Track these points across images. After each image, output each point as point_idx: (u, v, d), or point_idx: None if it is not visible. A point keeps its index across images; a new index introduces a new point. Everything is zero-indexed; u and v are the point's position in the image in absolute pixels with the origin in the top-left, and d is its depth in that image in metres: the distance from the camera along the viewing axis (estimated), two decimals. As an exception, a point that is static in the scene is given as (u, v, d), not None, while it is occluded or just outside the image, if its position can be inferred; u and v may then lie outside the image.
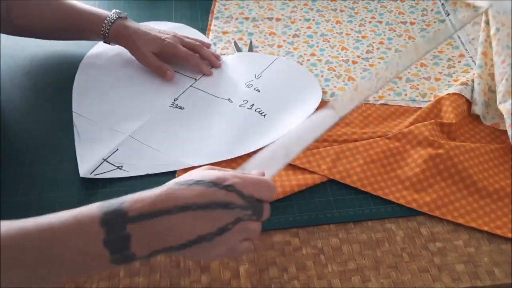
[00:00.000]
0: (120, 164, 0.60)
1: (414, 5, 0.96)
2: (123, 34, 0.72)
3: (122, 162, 0.61)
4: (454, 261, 0.53)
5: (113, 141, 0.63)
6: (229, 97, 0.72)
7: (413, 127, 0.66)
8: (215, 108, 0.70)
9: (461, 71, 0.79)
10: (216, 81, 0.75)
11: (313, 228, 0.56)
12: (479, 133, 0.68)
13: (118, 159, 0.61)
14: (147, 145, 0.63)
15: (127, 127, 0.66)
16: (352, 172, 0.61)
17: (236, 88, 0.74)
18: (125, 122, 0.66)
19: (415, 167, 0.61)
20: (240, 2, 0.95)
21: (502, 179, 0.61)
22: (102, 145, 0.62)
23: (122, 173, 0.60)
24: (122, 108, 0.69)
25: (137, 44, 0.72)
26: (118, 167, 0.60)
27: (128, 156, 0.62)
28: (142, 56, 0.73)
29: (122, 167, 0.60)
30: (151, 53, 0.73)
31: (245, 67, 0.78)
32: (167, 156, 0.62)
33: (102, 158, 0.61)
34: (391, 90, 0.75)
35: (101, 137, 0.64)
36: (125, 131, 0.65)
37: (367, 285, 0.51)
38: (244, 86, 0.73)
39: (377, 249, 0.54)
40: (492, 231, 0.56)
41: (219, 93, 0.72)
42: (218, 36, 0.86)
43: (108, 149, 0.62)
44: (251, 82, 0.74)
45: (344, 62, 0.81)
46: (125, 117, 0.67)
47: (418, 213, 0.58)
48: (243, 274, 0.51)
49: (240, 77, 0.76)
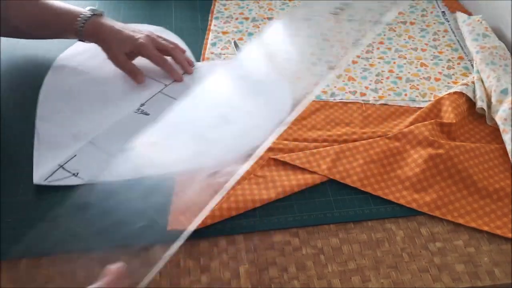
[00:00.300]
0: (76, 171, 0.58)
1: (414, 5, 0.96)
2: (98, 32, 0.70)
3: (78, 169, 0.58)
4: (454, 261, 0.53)
5: (72, 146, 0.61)
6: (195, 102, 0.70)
7: (413, 127, 0.66)
8: (180, 115, 0.67)
9: (460, 73, 0.79)
10: (187, 88, 0.72)
11: (313, 228, 0.56)
12: (479, 133, 0.68)
13: (75, 165, 0.59)
14: (106, 152, 0.61)
15: (89, 132, 0.63)
16: (352, 172, 0.61)
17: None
18: (88, 127, 0.64)
19: (415, 167, 0.61)
20: (240, 2, 0.95)
21: (502, 179, 0.61)
22: (60, 151, 0.60)
23: (77, 181, 0.57)
24: (86, 112, 0.67)
25: (109, 43, 0.70)
26: (74, 174, 0.58)
27: (85, 162, 0.59)
28: (113, 57, 0.71)
29: (77, 174, 0.58)
30: (123, 54, 0.71)
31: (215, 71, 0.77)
32: (124, 164, 0.59)
33: (58, 164, 0.58)
34: (391, 90, 0.75)
35: (60, 142, 0.62)
36: (86, 137, 0.63)
37: (367, 285, 0.51)
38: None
39: (377, 249, 0.54)
40: (492, 231, 0.56)
41: (186, 98, 0.71)
42: (218, 36, 0.86)
43: (66, 155, 0.60)
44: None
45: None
46: (89, 122, 0.65)
47: (418, 213, 0.58)
48: (243, 274, 0.51)
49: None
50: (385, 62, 0.81)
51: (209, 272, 0.51)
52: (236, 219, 0.56)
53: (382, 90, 0.75)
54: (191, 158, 0.59)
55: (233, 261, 0.52)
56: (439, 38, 0.87)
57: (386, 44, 0.85)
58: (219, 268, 0.52)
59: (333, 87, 0.75)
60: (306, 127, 0.68)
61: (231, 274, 0.51)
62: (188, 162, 0.59)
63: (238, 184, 0.59)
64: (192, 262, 0.52)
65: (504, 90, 0.68)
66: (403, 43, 0.86)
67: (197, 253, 0.53)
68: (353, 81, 0.77)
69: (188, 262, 0.52)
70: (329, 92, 0.74)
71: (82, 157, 0.60)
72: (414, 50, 0.84)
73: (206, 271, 0.51)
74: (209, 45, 0.83)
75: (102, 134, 0.63)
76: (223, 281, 0.50)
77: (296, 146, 0.65)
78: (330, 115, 0.70)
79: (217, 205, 0.56)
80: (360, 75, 0.78)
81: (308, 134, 0.67)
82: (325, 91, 0.75)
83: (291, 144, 0.65)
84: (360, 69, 0.79)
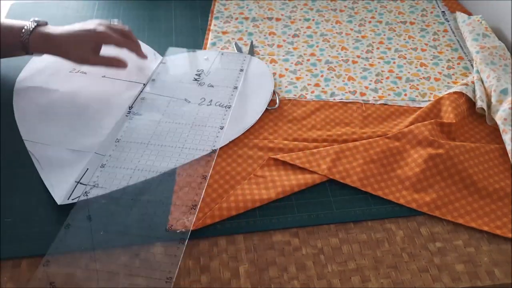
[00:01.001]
0: (94, 183, 0.58)
1: (414, 5, 0.96)
2: (47, 40, 0.67)
3: (95, 180, 0.58)
4: (454, 261, 0.53)
5: (79, 161, 0.61)
6: (184, 97, 0.71)
7: (413, 126, 0.66)
8: (175, 109, 0.69)
9: (460, 73, 0.79)
10: (164, 84, 0.74)
11: (313, 228, 0.56)
12: (479, 133, 0.68)
13: (91, 178, 0.59)
14: (115, 159, 0.61)
15: (88, 144, 0.63)
16: (352, 172, 0.61)
17: (188, 87, 0.74)
18: (84, 140, 0.64)
19: (415, 167, 0.61)
20: (240, 2, 0.95)
21: (502, 179, 0.61)
22: (70, 168, 0.60)
23: (100, 191, 0.57)
24: (74, 126, 0.66)
25: (67, 47, 0.67)
26: (94, 186, 0.58)
27: (100, 173, 0.59)
28: (81, 59, 0.69)
29: (98, 185, 0.58)
30: (89, 51, 0.68)
31: (187, 66, 0.78)
32: (142, 164, 0.61)
33: (75, 181, 0.58)
34: (391, 90, 0.75)
35: (64, 159, 0.61)
36: (88, 149, 0.62)
37: (367, 285, 0.51)
38: (197, 85, 0.74)
39: (377, 249, 0.54)
40: (492, 231, 0.56)
41: (173, 94, 0.72)
42: (218, 36, 0.86)
43: (78, 171, 0.59)
44: (203, 81, 0.75)
45: (344, 62, 0.81)
46: (82, 134, 0.65)
47: (418, 213, 0.58)
48: (243, 274, 0.51)
49: (186, 77, 0.76)
50: (385, 62, 0.81)
51: (209, 272, 0.51)
52: (236, 219, 0.56)
53: (382, 90, 0.75)
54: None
55: (233, 261, 0.52)
56: (439, 38, 0.87)
57: (386, 44, 0.85)
58: (219, 268, 0.52)
59: (333, 87, 0.75)
60: (306, 127, 0.68)
61: (231, 274, 0.51)
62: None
63: (238, 184, 0.59)
64: (192, 262, 0.52)
65: (504, 90, 0.69)
66: (403, 43, 0.86)
67: (197, 253, 0.53)
68: (353, 81, 0.77)
69: (188, 262, 0.52)
70: (329, 92, 0.74)
71: (94, 169, 0.60)
72: (414, 50, 0.84)
73: (206, 271, 0.51)
74: (209, 45, 0.83)
75: (104, 143, 0.64)
76: (223, 281, 0.50)
77: (296, 146, 0.65)
78: (330, 115, 0.70)
79: (217, 205, 0.56)
80: (360, 75, 0.78)
81: (308, 134, 0.67)
82: (325, 91, 0.75)
83: (291, 144, 0.65)
84: (360, 69, 0.79)
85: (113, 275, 0.50)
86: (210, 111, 0.69)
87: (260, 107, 0.71)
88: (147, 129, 0.66)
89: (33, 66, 0.76)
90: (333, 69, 0.79)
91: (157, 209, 0.56)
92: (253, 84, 0.75)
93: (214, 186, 0.59)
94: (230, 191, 0.58)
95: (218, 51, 0.81)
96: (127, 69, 0.72)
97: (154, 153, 0.62)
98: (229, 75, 0.76)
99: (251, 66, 0.78)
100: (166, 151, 0.63)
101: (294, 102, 0.73)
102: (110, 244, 0.52)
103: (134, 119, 0.67)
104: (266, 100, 0.72)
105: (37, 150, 0.63)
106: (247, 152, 0.64)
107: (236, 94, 0.72)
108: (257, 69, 0.78)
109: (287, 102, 0.73)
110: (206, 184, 0.58)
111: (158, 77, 0.75)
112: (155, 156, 0.62)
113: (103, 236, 0.53)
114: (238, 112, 0.69)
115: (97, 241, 0.53)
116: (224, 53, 0.81)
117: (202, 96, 0.72)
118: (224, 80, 0.75)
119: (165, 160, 0.61)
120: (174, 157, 0.62)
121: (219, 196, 0.58)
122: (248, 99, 0.72)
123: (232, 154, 0.64)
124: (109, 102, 0.70)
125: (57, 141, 0.64)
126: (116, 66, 0.71)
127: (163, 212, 0.55)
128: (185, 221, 0.54)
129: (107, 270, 0.50)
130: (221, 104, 0.70)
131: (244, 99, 0.72)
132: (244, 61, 0.79)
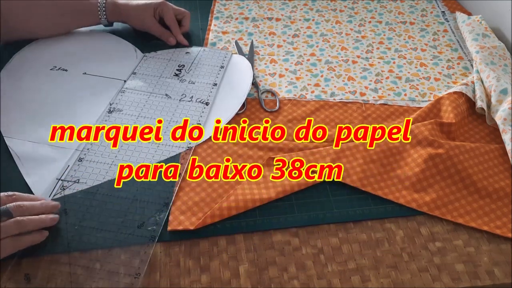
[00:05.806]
0: (76, 178, 0.59)
1: (414, 5, 0.96)
2: (118, 10, 0.79)
3: (77, 176, 0.59)
4: (454, 261, 0.53)
5: (61, 158, 0.61)
6: (165, 93, 0.72)
7: (413, 126, 0.66)
8: (154, 105, 0.70)
9: (459, 73, 0.79)
10: (146, 79, 0.75)
11: (312, 228, 0.56)
12: (479, 133, 0.68)
13: (72, 174, 0.59)
14: (98, 154, 0.62)
15: (69, 141, 0.64)
16: (352, 172, 0.61)
17: (169, 84, 0.74)
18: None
19: (414, 167, 0.61)
20: (240, 2, 0.95)
21: (502, 179, 0.61)
22: (51, 165, 0.61)
23: (81, 186, 0.58)
24: (55, 122, 0.66)
25: (133, 14, 0.79)
26: (75, 181, 0.59)
27: (81, 169, 0.60)
28: (143, 24, 0.81)
29: (79, 181, 0.59)
30: (149, 18, 0.80)
31: (167, 63, 0.79)
32: (119, 160, 0.61)
33: (56, 178, 0.59)
34: (391, 90, 0.75)
35: (45, 156, 0.62)
36: (69, 146, 0.63)
37: (367, 285, 0.51)
38: (178, 82, 0.75)
39: (377, 249, 0.54)
40: (491, 231, 0.56)
41: (152, 90, 0.73)
42: (218, 36, 0.86)
43: (59, 168, 0.60)
44: (184, 77, 0.75)
45: (344, 62, 0.81)
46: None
47: (417, 213, 0.58)
48: (243, 274, 0.51)
49: (165, 73, 0.76)
50: (385, 62, 0.81)
51: (209, 272, 0.51)
52: (236, 219, 0.56)
53: (382, 90, 0.75)
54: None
55: (233, 261, 0.52)
56: (439, 38, 0.87)
57: (386, 44, 0.85)
58: (219, 268, 0.52)
59: (333, 87, 0.75)
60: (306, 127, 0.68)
61: (231, 273, 0.51)
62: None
63: (238, 184, 0.59)
64: (192, 262, 0.52)
65: (503, 90, 0.69)
66: (403, 43, 0.86)
67: (197, 253, 0.53)
68: (353, 81, 0.77)
69: (188, 262, 0.52)
70: (329, 92, 0.75)
71: (75, 166, 0.61)
72: (414, 50, 0.84)
73: (206, 271, 0.51)
74: (209, 45, 0.84)
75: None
76: (223, 280, 0.51)
77: (296, 146, 0.65)
78: (330, 115, 0.70)
79: (217, 205, 0.56)
80: (360, 75, 0.78)
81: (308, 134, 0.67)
82: (325, 91, 0.75)
83: (291, 144, 0.65)
84: (360, 69, 0.80)
85: (85, 270, 0.50)
86: (189, 107, 0.70)
87: (235, 106, 0.70)
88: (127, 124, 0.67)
89: (14, 63, 0.77)
90: (333, 69, 0.79)
91: (130, 206, 0.56)
92: (233, 80, 0.76)
93: (214, 186, 0.59)
94: (230, 190, 0.58)
95: (200, 47, 0.82)
96: (108, 65, 0.77)
97: (131, 149, 0.63)
98: (209, 71, 0.77)
99: (232, 63, 0.79)
100: (143, 147, 0.63)
101: (294, 102, 0.73)
102: (84, 239, 0.53)
103: (116, 114, 0.68)
104: (244, 94, 0.72)
105: (16, 145, 0.63)
106: (247, 152, 0.64)
107: (215, 91, 0.73)
108: (239, 66, 0.79)
109: (287, 102, 0.73)
110: (180, 182, 0.59)
111: (138, 72, 0.76)
112: (132, 152, 0.63)
113: (78, 230, 0.53)
114: (217, 109, 0.70)
115: (71, 235, 0.53)
116: (205, 49, 0.82)
117: (183, 93, 0.73)
118: (204, 76, 0.76)
119: (141, 156, 0.62)
120: (151, 153, 0.63)
121: (219, 196, 0.58)
122: (228, 95, 0.73)
123: (232, 154, 0.64)
124: (90, 98, 0.71)
125: (31, 137, 0.64)
126: (166, 40, 0.81)
127: (136, 209, 0.56)
128: (157, 219, 0.55)
129: (79, 264, 0.51)
130: (201, 100, 0.71)
131: (223, 96, 0.73)
132: (225, 58, 0.80)
